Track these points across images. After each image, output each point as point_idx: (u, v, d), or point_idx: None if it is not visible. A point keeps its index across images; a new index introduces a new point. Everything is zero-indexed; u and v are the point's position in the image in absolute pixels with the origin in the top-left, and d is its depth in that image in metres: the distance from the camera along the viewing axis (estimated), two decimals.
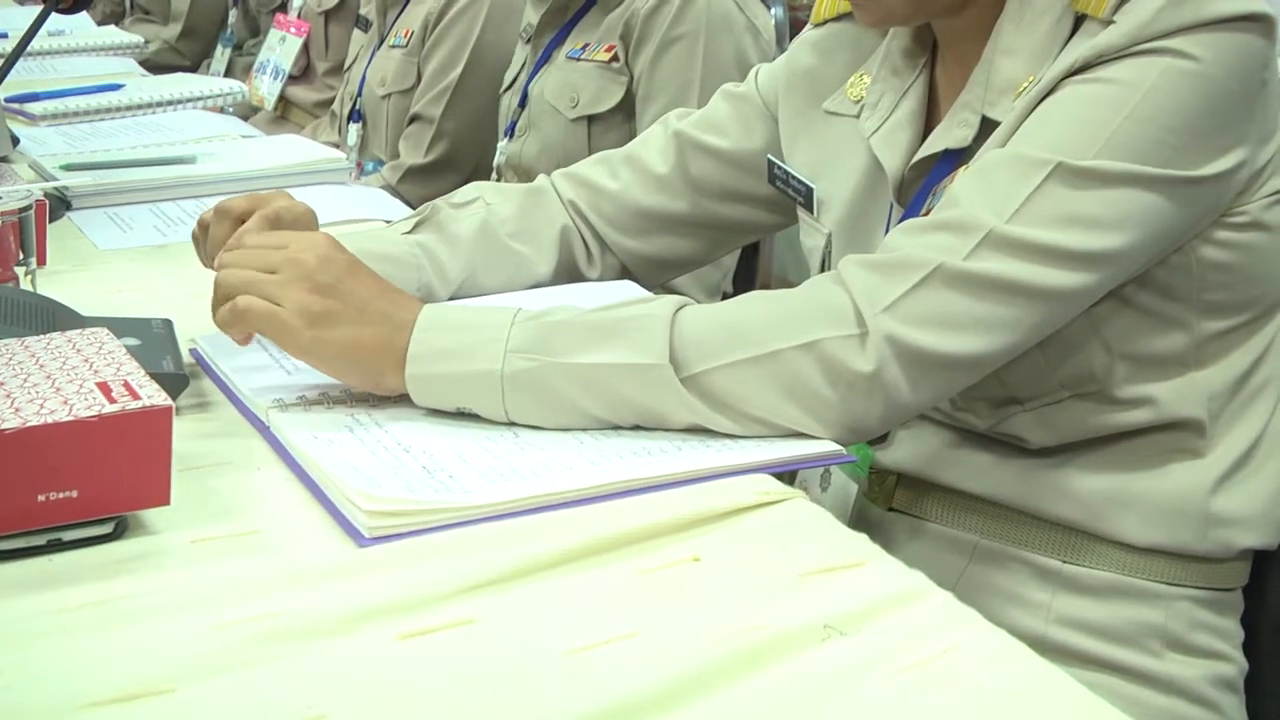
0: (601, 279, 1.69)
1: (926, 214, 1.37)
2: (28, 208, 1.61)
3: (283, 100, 3.52)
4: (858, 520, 1.56)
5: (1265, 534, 1.45)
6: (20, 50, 1.62)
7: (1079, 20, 1.35)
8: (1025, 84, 1.37)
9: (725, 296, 2.38)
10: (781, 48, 2.21)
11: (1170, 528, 1.41)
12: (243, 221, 1.50)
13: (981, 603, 1.41)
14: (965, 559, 1.47)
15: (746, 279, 2.44)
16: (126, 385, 1.16)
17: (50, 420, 1.10)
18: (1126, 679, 1.42)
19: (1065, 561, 1.43)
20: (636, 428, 1.30)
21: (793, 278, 1.56)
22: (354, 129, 2.93)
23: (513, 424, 1.31)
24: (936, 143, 1.44)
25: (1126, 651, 1.42)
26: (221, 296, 1.37)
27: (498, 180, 2.44)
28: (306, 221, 1.54)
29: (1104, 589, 1.43)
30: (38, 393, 1.15)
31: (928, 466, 1.50)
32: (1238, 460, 1.42)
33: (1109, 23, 1.31)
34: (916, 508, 1.51)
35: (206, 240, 1.56)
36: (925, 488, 1.50)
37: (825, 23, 1.64)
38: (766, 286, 2.43)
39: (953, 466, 1.48)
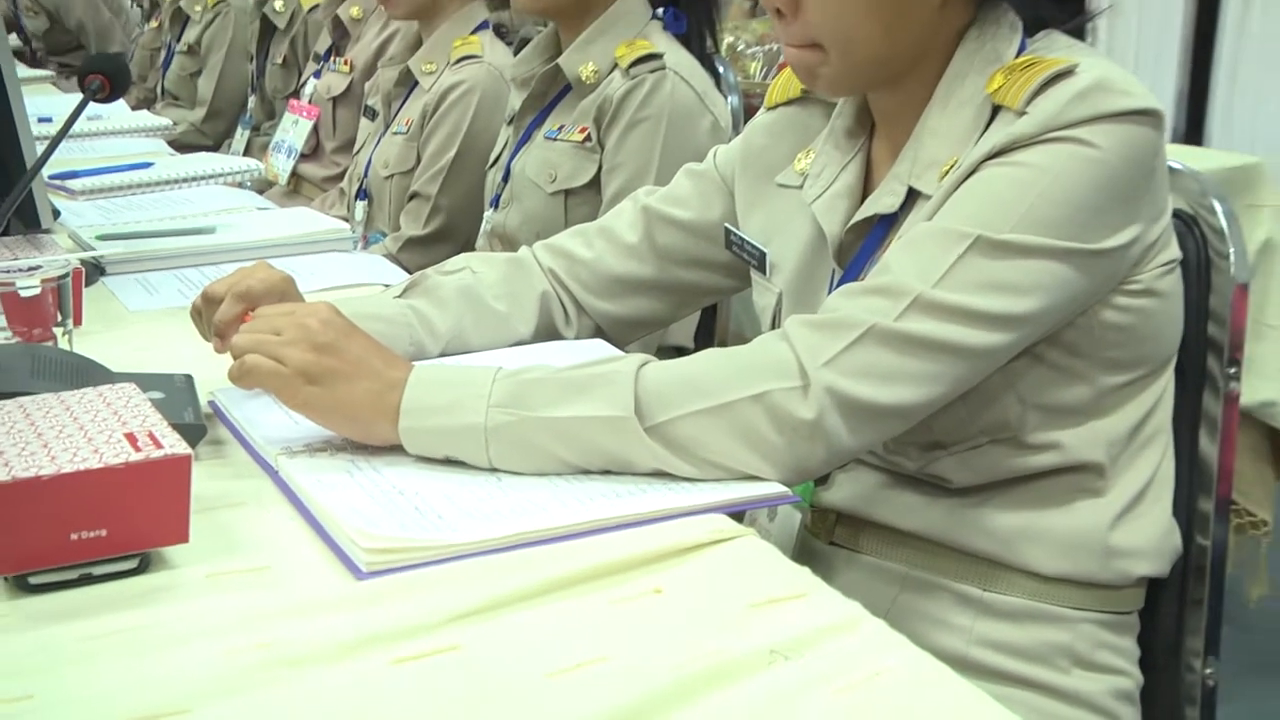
0: (577, 338, 1.69)
1: (863, 278, 1.37)
2: (65, 275, 1.61)
3: (295, 176, 3.52)
4: (801, 552, 1.55)
5: (1158, 564, 1.46)
6: (62, 135, 1.63)
7: (996, 110, 1.36)
8: (949, 163, 1.37)
9: (685, 351, 2.39)
10: (736, 130, 2.22)
11: (1075, 559, 1.42)
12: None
13: (911, 627, 1.42)
14: (897, 588, 1.47)
15: (706, 336, 2.44)
16: (151, 435, 1.16)
17: (82, 468, 1.10)
18: (1038, 693, 1.42)
19: (984, 590, 1.43)
20: (606, 472, 1.30)
21: (748, 333, 1.57)
22: (360, 205, 2.94)
23: (495, 470, 1.30)
24: (869, 208, 1.45)
25: (1038, 669, 1.43)
26: (234, 356, 1.38)
27: (486, 246, 2.45)
28: (282, 288, 1.54)
29: (1018, 614, 1.43)
30: (71, 442, 1.15)
31: (863, 505, 1.49)
32: (1133, 499, 1.43)
33: (1022, 113, 1.32)
34: (854, 542, 1.51)
35: (207, 318, 1.57)
36: (861, 524, 1.50)
37: (776, 107, 1.65)
38: (724, 342, 2.44)
39: (885, 505, 1.48)
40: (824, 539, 1.54)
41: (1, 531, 1.09)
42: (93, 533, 1.12)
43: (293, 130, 3.56)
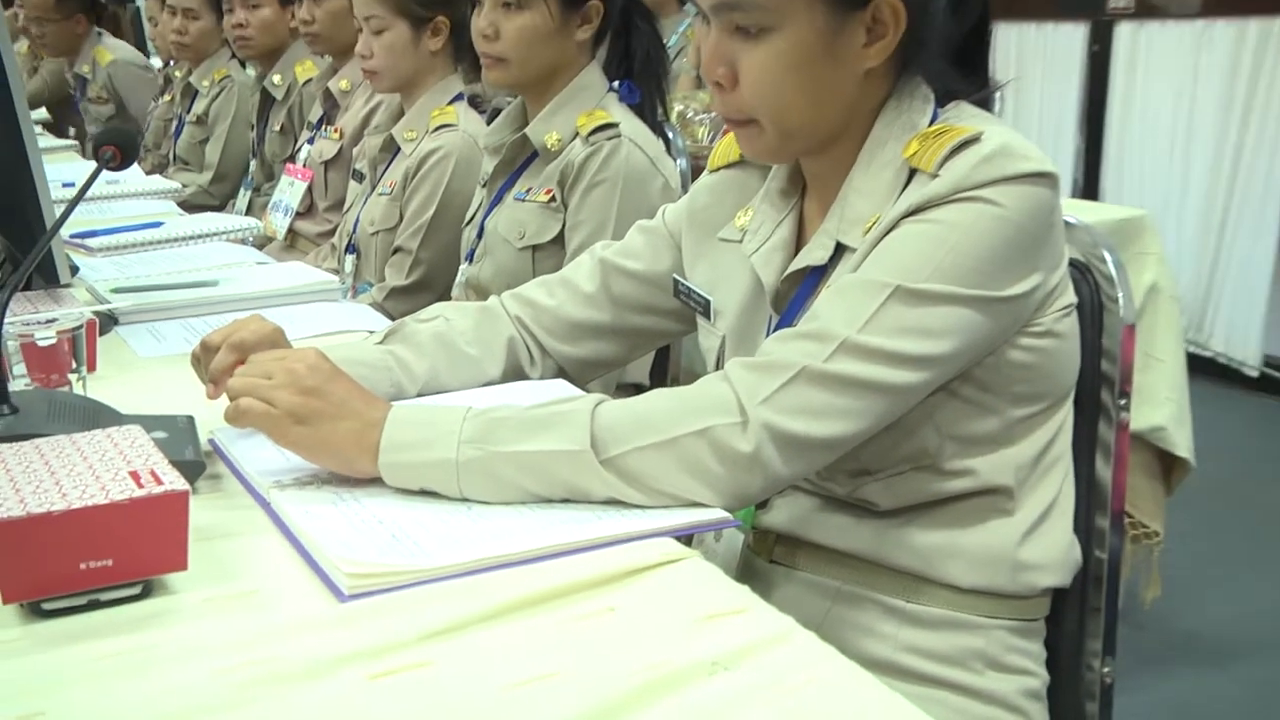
0: (542, 378, 1.68)
1: (796, 324, 1.37)
2: (79, 327, 1.60)
3: (291, 232, 3.51)
4: (744, 569, 1.55)
5: (1061, 576, 1.46)
6: (77, 200, 1.61)
7: (912, 172, 1.36)
8: (872, 220, 1.37)
9: (642, 388, 2.38)
10: (685, 190, 2.22)
11: (988, 573, 1.42)
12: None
13: (843, 636, 1.43)
14: (830, 601, 1.46)
15: (661, 373, 2.44)
16: (153, 473, 1.15)
17: (90, 503, 1.09)
18: (956, 693, 1.42)
19: (908, 601, 1.43)
20: (566, 501, 1.29)
21: (699, 371, 1.57)
22: (350, 259, 2.93)
23: (466, 499, 1.29)
24: (801, 261, 1.45)
25: (956, 671, 1.42)
26: (230, 399, 1.37)
27: (460, 297, 2.45)
28: (273, 339, 1.53)
29: (938, 622, 1.42)
30: (81, 480, 1.13)
31: (799, 526, 1.49)
32: (1038, 518, 1.43)
33: (935, 175, 1.32)
34: (791, 560, 1.50)
35: (205, 365, 1.55)
36: (798, 543, 1.49)
37: (718, 170, 1.65)
38: (677, 378, 2.44)
39: (819, 526, 1.47)
40: (765, 557, 1.53)
41: (17, 562, 1.08)
42: (100, 562, 1.10)
43: (289, 191, 3.55)
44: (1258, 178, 4.80)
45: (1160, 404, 2.86)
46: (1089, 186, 5.46)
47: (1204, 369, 4.68)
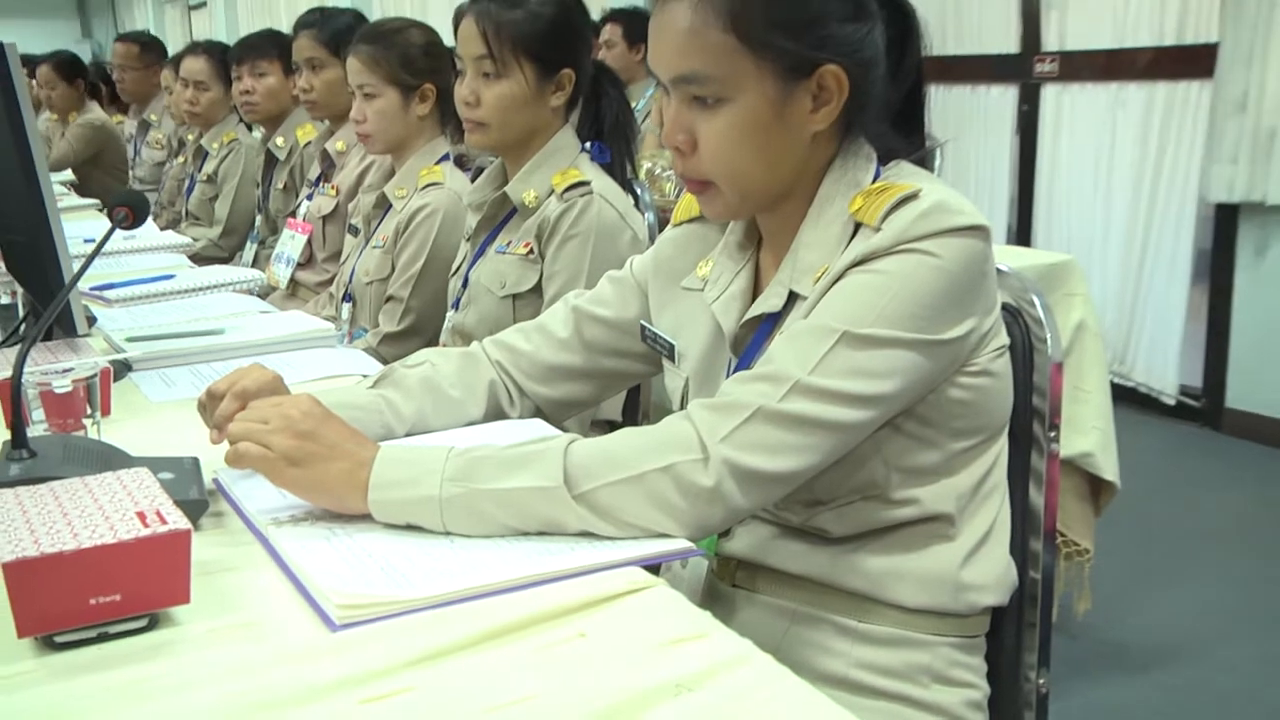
0: (520, 418, 1.66)
1: (754, 366, 1.36)
2: (94, 375, 1.58)
3: (293, 282, 3.50)
4: (708, 593, 1.54)
5: (999, 595, 1.45)
6: (92, 258, 1.60)
7: (857, 226, 1.36)
8: (821, 270, 1.37)
9: (615, 424, 2.37)
10: (652, 241, 2.22)
11: (933, 594, 1.41)
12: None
13: (800, 654, 1.42)
14: (788, 621, 1.45)
15: (632, 410, 2.42)
16: (158, 513, 1.13)
17: (100, 543, 1.08)
18: (904, 705, 1.41)
19: (860, 621, 1.42)
20: (541, 533, 1.27)
21: (669, 406, 1.58)
22: (346, 307, 2.92)
23: (449, 533, 1.28)
24: (758, 308, 1.44)
25: (904, 685, 1.41)
26: (230, 443, 1.36)
27: (447, 342, 2.44)
28: (273, 386, 1.52)
29: (888, 640, 1.41)
30: (91, 520, 1.12)
31: (759, 553, 1.47)
32: (978, 543, 1.42)
33: (878, 229, 1.32)
34: (751, 584, 1.49)
35: (210, 411, 1.54)
36: (757, 569, 1.48)
37: (681, 224, 1.65)
38: (648, 414, 2.43)
39: (776, 552, 1.46)
40: (727, 582, 1.51)
41: (31, 598, 1.06)
42: (108, 597, 1.09)
43: (290, 244, 3.54)
44: (1170, 223, 4.84)
45: (1088, 432, 2.87)
46: (1022, 232, 5.49)
47: (1126, 398, 4.70)
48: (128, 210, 1.78)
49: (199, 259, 3.85)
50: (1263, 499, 4.09)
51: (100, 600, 1.09)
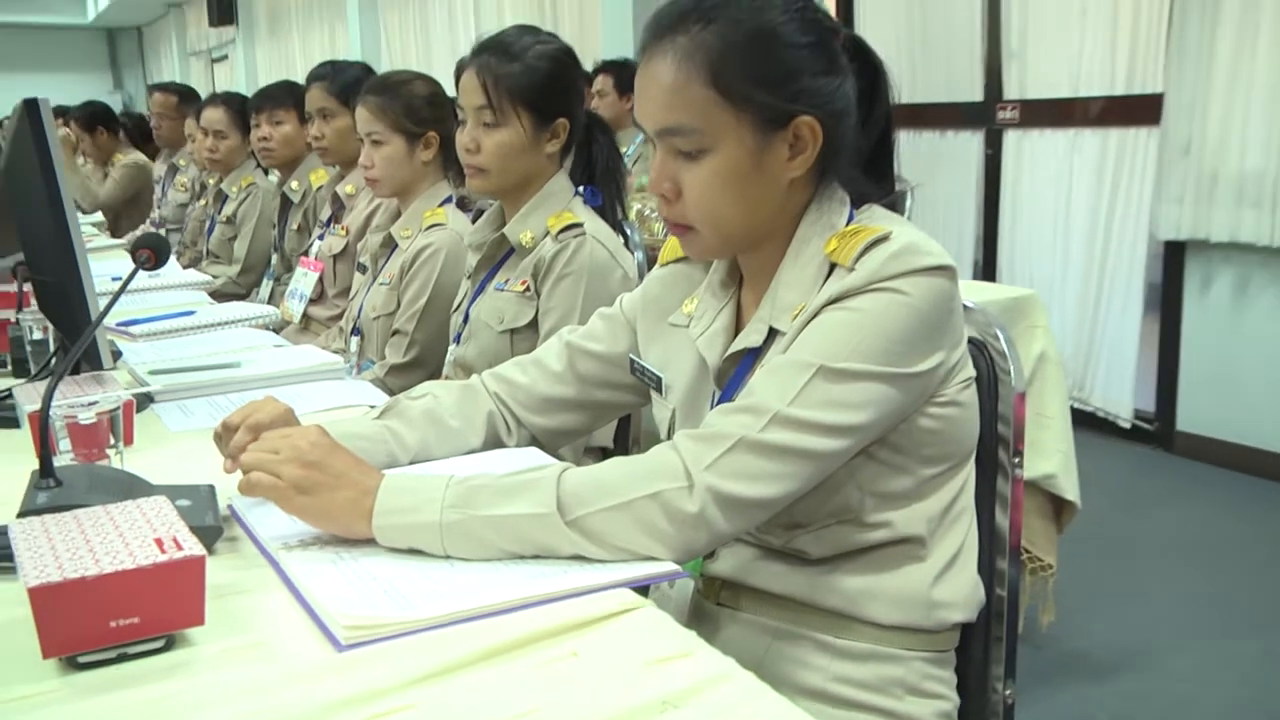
0: (517, 446, 1.65)
1: (736, 398, 1.35)
2: (117, 408, 1.57)
3: (305, 316, 3.49)
4: (694, 612, 1.52)
5: (968, 612, 1.44)
6: (116, 297, 1.61)
7: (832, 266, 1.36)
8: (799, 307, 1.37)
9: (608, 451, 2.36)
10: (641, 279, 2.22)
11: (905, 612, 1.40)
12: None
13: (782, 668, 1.41)
14: (770, 638, 1.43)
15: (623, 437, 2.41)
16: (175, 539, 1.12)
17: (119, 568, 1.07)
18: (880, 717, 1.40)
19: (837, 638, 1.40)
20: (536, 557, 1.26)
21: (658, 433, 1.58)
22: (354, 340, 2.91)
23: (449, 557, 1.26)
24: (740, 343, 1.44)
25: (879, 698, 1.40)
26: (243, 472, 1.35)
27: (449, 374, 2.43)
28: (284, 419, 1.51)
29: (864, 655, 1.40)
30: (112, 547, 1.11)
31: (742, 573, 1.46)
32: (948, 563, 1.41)
33: (852, 269, 1.32)
34: (735, 602, 1.48)
35: (225, 442, 1.53)
36: (740, 588, 1.47)
37: (668, 264, 1.64)
38: (638, 440, 2.41)
39: (759, 573, 1.45)
40: (712, 601, 1.50)
41: (55, 621, 1.05)
42: (128, 620, 1.08)
43: (303, 281, 3.53)
44: (1123, 259, 4.85)
45: (1050, 455, 2.87)
46: (987, 267, 5.50)
47: (1085, 422, 4.70)
48: (150, 252, 1.78)
49: (218, 295, 3.84)
50: (1212, 516, 4.09)
51: (120, 623, 1.07)
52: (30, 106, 1.83)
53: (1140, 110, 4.69)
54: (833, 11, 6.03)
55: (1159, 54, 4.62)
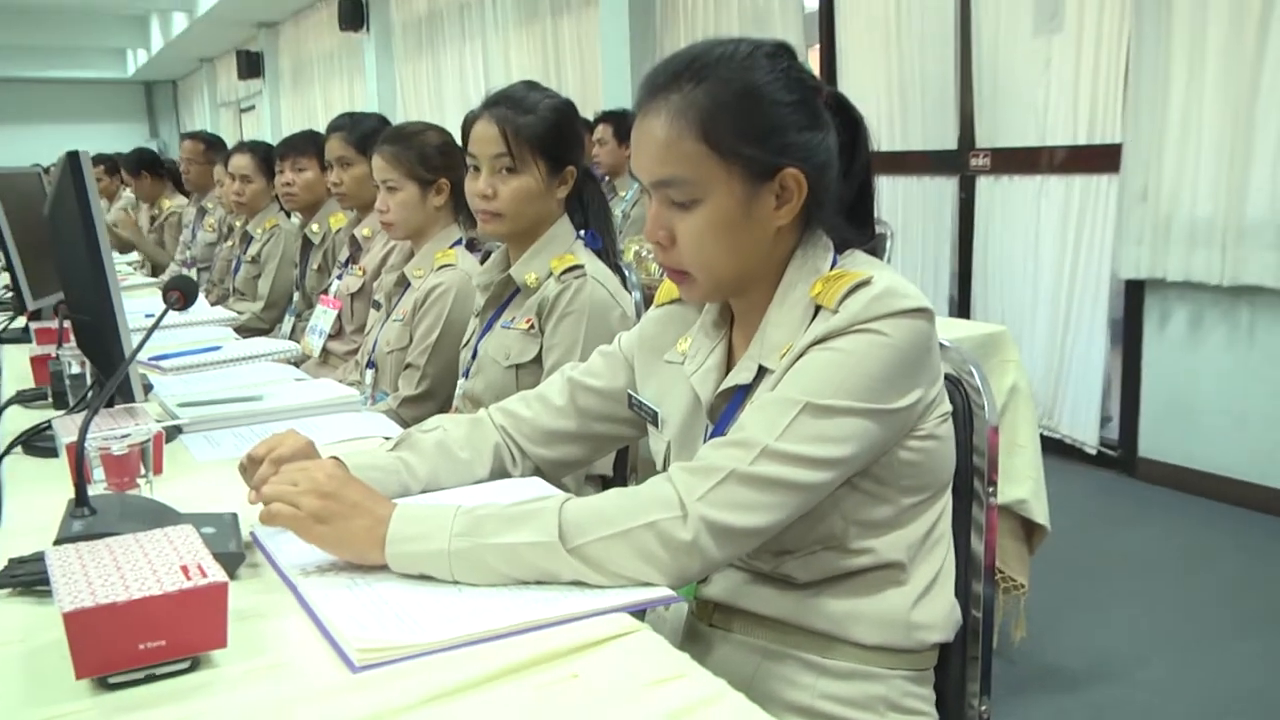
0: (522, 476, 1.64)
1: (727, 432, 1.34)
2: (148, 440, 1.56)
3: (325, 351, 3.48)
4: (688, 633, 1.51)
5: (946, 633, 1.43)
6: (147, 336, 1.61)
7: (818, 309, 1.35)
8: (786, 347, 1.36)
9: (608, 479, 2.35)
10: (639, 317, 2.21)
11: (887, 633, 1.39)
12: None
13: (771, 687, 1.39)
14: (760, 657, 1.42)
15: (622, 465, 2.39)
16: (199, 567, 1.11)
17: (148, 594, 1.06)
18: None
19: (823, 657, 1.39)
20: (539, 582, 1.25)
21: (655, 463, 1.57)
22: (370, 373, 2.90)
23: (457, 582, 1.25)
24: (731, 380, 1.43)
25: (863, 714, 1.39)
26: (264, 504, 1.34)
27: (459, 406, 2.42)
28: (305, 452, 1.50)
29: (848, 674, 1.39)
30: (140, 574, 1.10)
31: (733, 597, 1.45)
32: (926, 587, 1.40)
33: (836, 311, 1.31)
34: (727, 624, 1.46)
35: (250, 474, 1.53)
36: (732, 611, 1.46)
37: (664, 305, 1.63)
38: (635, 469, 2.40)
39: (749, 596, 1.43)
40: (705, 623, 1.49)
41: (87, 644, 1.04)
42: (155, 642, 1.07)
43: (323, 317, 3.53)
44: (1088, 297, 4.86)
45: (1022, 481, 2.86)
46: (962, 304, 5.50)
47: (1054, 449, 4.69)
48: (180, 294, 1.78)
49: (243, 331, 3.84)
50: (1172, 536, 4.08)
51: (148, 645, 1.07)
52: (72, 158, 1.83)
53: (1101, 159, 4.71)
54: (817, 67, 6.07)
55: (1117, 107, 4.64)
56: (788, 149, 1.35)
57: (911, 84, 5.76)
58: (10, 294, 3.53)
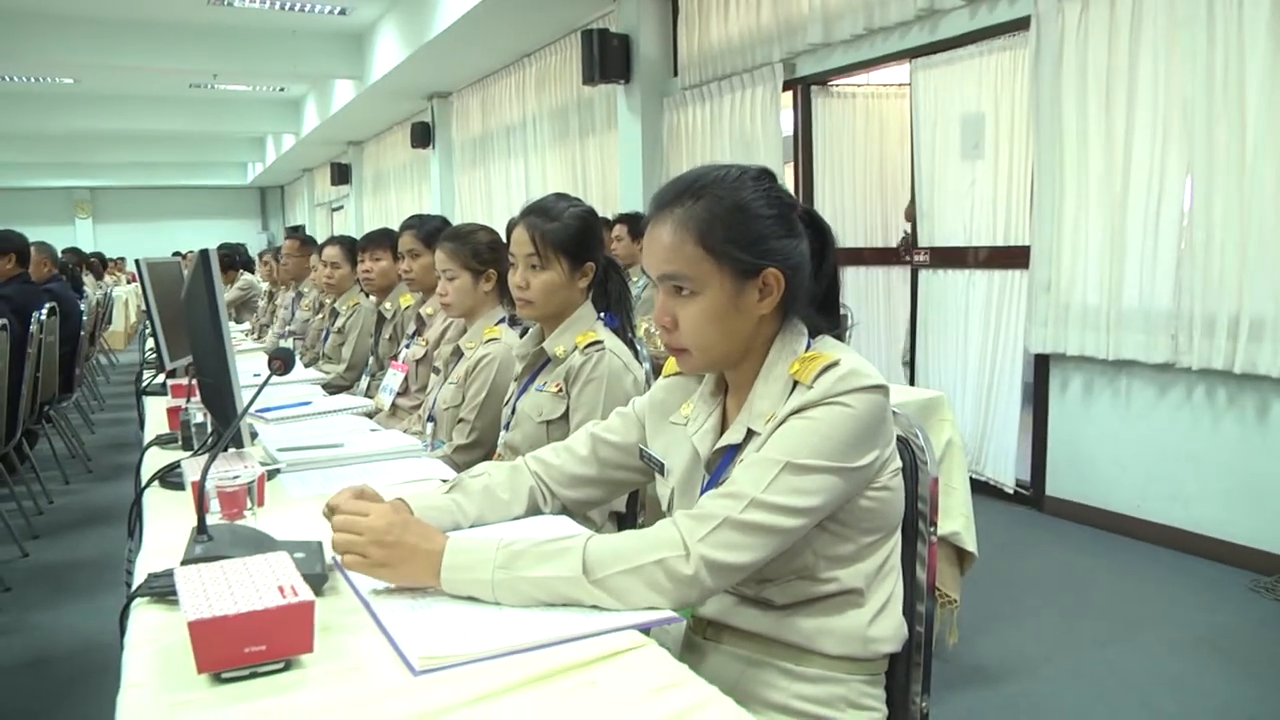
0: (551, 513, 1.62)
1: (721, 484, 1.33)
2: (254, 479, 1.55)
3: (394, 406, 3.46)
4: (686, 644, 1.49)
5: (895, 645, 1.41)
6: (256, 395, 1.61)
7: (795, 384, 1.35)
8: (770, 414, 1.35)
9: (622, 515, 2.31)
10: (648, 383, 2.20)
11: (849, 646, 1.37)
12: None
13: (753, 689, 1.37)
14: (744, 665, 1.40)
15: (633, 504, 2.35)
16: (293, 587, 1.11)
17: (252, 609, 1.06)
18: None
19: (796, 665, 1.37)
20: (565, 605, 1.24)
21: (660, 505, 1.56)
22: (430, 426, 2.88)
23: (499, 604, 1.24)
24: (724, 441, 1.42)
25: (828, 710, 1.37)
26: (335, 550, 1.32)
27: (502, 454, 2.40)
28: (371, 493, 1.45)
29: (817, 679, 1.37)
30: (246, 591, 1.10)
31: (723, 616, 1.43)
32: (880, 608, 1.38)
33: (810, 387, 1.31)
34: (718, 638, 1.44)
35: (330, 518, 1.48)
36: (722, 627, 1.44)
37: (670, 376, 1.62)
38: (644, 506, 2.36)
39: (736, 616, 1.42)
40: (700, 636, 1.46)
41: (205, 646, 1.05)
42: (257, 647, 1.07)
43: (393, 379, 3.52)
44: (1006, 367, 4.84)
45: (956, 516, 2.83)
46: (911, 372, 5.48)
47: (980, 489, 4.64)
48: (281, 362, 1.77)
49: (329, 388, 3.83)
50: (1072, 560, 4.03)
51: (252, 649, 1.07)
52: (204, 255, 1.85)
53: (1014, 257, 4.72)
54: (792, 186, 6.11)
55: (1025, 216, 4.67)
56: (769, 253, 1.35)
57: (871, 196, 5.90)
58: (154, 355, 3.55)
